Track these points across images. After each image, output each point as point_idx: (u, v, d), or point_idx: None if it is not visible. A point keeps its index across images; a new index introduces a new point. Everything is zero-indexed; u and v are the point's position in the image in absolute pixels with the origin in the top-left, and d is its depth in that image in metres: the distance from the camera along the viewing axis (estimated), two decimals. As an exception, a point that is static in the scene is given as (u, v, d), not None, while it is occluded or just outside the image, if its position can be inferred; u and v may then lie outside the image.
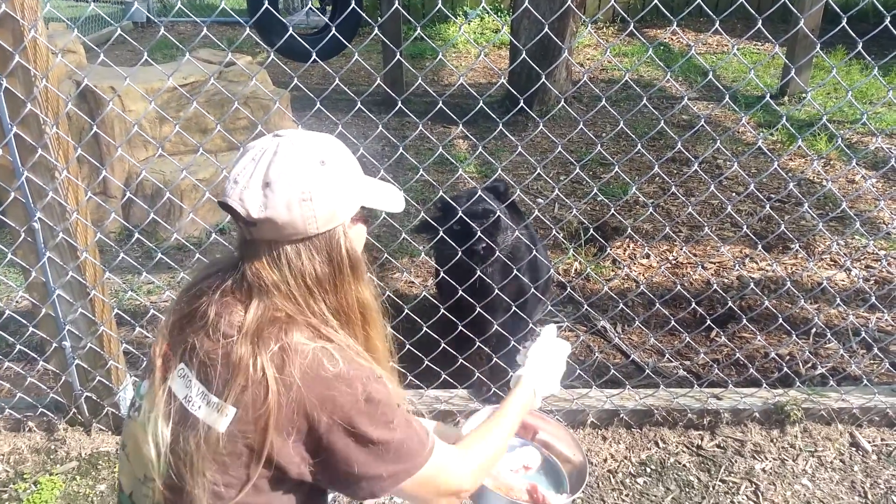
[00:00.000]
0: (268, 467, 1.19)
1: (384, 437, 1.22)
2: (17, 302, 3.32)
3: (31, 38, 1.92)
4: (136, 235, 2.46)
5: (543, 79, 2.38)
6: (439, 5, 2.20)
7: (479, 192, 2.53)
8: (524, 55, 2.50)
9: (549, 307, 3.24)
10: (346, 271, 1.27)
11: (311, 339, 1.21)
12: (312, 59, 2.24)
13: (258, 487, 1.21)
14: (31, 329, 2.39)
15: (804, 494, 2.36)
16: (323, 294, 1.25)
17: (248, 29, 2.04)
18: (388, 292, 2.71)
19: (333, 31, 2.44)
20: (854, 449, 2.55)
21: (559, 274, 3.62)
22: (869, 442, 2.57)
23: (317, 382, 1.18)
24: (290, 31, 2.20)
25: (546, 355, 1.69)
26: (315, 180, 1.19)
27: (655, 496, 2.36)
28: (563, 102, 2.52)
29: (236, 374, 1.16)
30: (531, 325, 2.59)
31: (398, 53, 2.36)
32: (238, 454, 1.19)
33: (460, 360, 2.56)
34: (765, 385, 2.67)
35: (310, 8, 8.65)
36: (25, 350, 2.59)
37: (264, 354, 1.17)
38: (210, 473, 1.18)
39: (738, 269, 3.61)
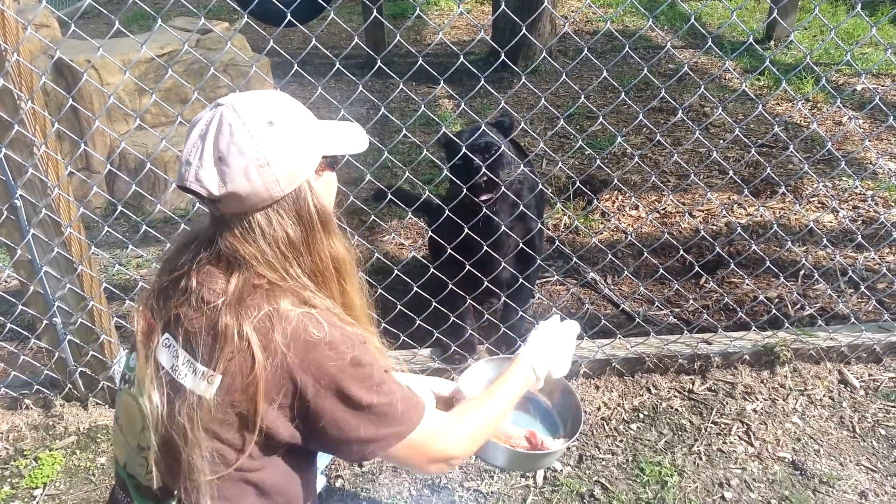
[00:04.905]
0: (258, 433, 1.20)
1: (373, 401, 1.23)
2: (5, 281, 3.32)
3: (-4, 11, 1.87)
4: (120, 209, 2.44)
5: (524, 31, 2.35)
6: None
7: (483, 127, 2.48)
8: (503, 6, 2.47)
9: (539, 261, 3.25)
10: (316, 228, 1.25)
11: (295, 305, 1.21)
12: (287, 20, 2.19)
13: (251, 453, 1.22)
14: (20, 307, 2.39)
15: (795, 432, 2.41)
16: (297, 257, 1.24)
17: (218, -9, 2.00)
18: (377, 255, 2.71)
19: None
20: (843, 386, 2.59)
21: (548, 229, 3.63)
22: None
23: (302, 347, 1.18)
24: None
25: (549, 336, 1.63)
26: (267, 143, 1.16)
27: (649, 440, 2.40)
28: (544, 54, 2.49)
29: (223, 343, 1.17)
30: (532, 275, 2.60)
31: (374, 10, 2.33)
32: (229, 422, 1.20)
33: (452, 319, 2.57)
34: (754, 328, 2.70)
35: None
36: (17, 329, 2.59)
37: (248, 323, 1.17)
38: (205, 441, 1.19)
39: (725, 216, 3.62)
